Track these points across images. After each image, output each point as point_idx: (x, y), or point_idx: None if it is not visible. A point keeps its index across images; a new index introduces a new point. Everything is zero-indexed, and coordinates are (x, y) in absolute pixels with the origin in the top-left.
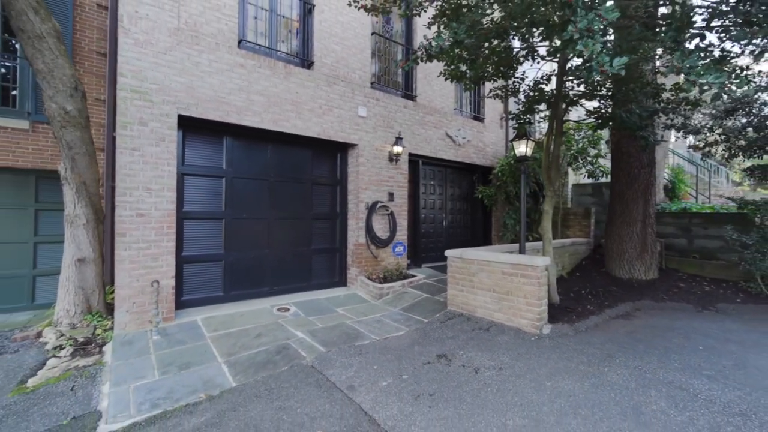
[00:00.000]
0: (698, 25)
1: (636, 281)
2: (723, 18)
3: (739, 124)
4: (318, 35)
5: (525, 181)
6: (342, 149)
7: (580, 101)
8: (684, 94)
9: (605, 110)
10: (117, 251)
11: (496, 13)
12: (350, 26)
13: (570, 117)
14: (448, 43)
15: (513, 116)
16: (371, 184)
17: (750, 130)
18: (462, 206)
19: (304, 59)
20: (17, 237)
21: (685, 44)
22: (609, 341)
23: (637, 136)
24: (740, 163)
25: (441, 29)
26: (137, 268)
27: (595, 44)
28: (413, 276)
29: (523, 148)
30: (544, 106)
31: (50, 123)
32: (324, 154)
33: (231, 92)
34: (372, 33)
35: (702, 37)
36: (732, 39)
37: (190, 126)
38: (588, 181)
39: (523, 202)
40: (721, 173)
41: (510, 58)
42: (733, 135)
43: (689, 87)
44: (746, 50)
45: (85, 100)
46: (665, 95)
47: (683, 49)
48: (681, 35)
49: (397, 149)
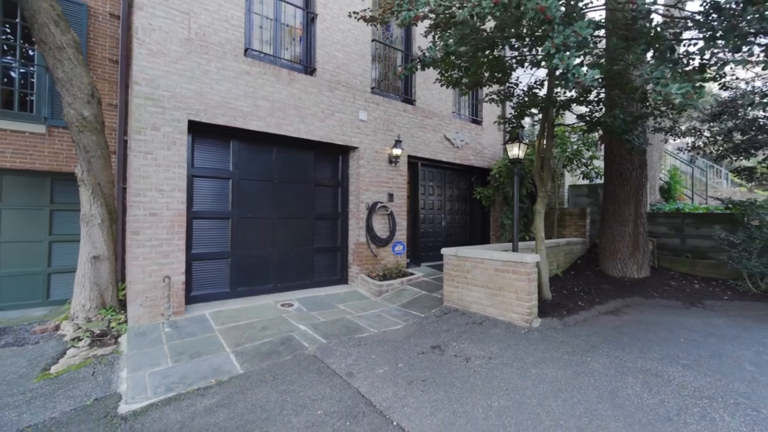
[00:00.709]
0: (674, 38)
1: (628, 279)
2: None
3: (726, 128)
4: (320, 43)
5: (518, 182)
6: (343, 152)
7: (572, 106)
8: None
9: (594, 115)
10: (131, 248)
11: (488, 24)
12: (351, 34)
13: (566, 120)
14: (441, 54)
15: (505, 120)
16: (371, 185)
17: (737, 134)
18: (461, 207)
19: (307, 66)
20: (33, 236)
21: (660, 55)
22: (595, 334)
23: (624, 140)
24: (728, 165)
25: (435, 39)
26: (150, 265)
27: (571, 58)
28: (412, 274)
29: (516, 151)
30: (537, 110)
31: (68, 128)
32: (326, 157)
33: (237, 98)
34: (372, 40)
35: (672, 50)
36: (698, 51)
37: (199, 130)
38: (584, 182)
39: (516, 202)
40: (722, 174)
41: (503, 65)
42: (720, 138)
43: (656, 97)
44: (712, 61)
45: (101, 106)
46: (652, 100)
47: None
48: (651, 48)
49: (397, 152)
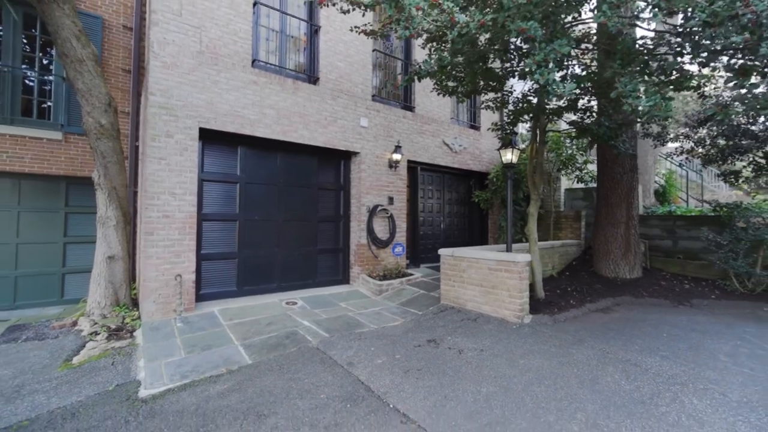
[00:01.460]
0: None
1: (620, 280)
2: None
3: (712, 133)
4: (323, 53)
5: (512, 186)
6: (345, 157)
7: (563, 113)
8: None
9: (584, 121)
10: (146, 248)
11: (482, 36)
12: (353, 44)
13: (561, 126)
14: (436, 67)
15: (499, 127)
16: (372, 189)
17: (722, 139)
18: (459, 210)
19: (311, 75)
20: (49, 237)
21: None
22: (583, 329)
23: (610, 146)
24: (716, 169)
25: (432, 51)
26: (163, 264)
27: (551, 73)
28: (411, 274)
29: (510, 156)
30: (529, 117)
31: (87, 135)
32: (329, 162)
33: (245, 107)
34: (373, 50)
35: (645, 65)
36: (666, 67)
37: (209, 137)
38: (580, 186)
39: (510, 205)
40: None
41: (496, 76)
42: (706, 143)
43: (627, 108)
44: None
45: (117, 115)
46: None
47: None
48: (626, 63)
49: (397, 157)
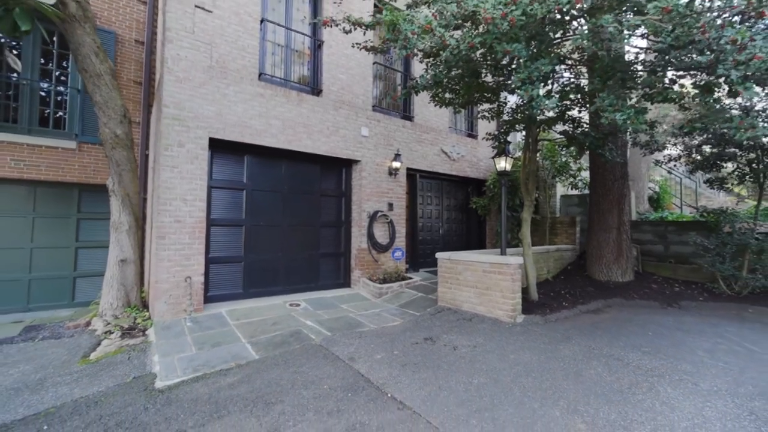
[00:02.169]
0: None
1: (613, 283)
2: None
3: (695, 141)
4: (326, 66)
5: (506, 193)
6: (347, 165)
7: (555, 123)
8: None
9: (573, 131)
10: (158, 251)
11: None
12: (354, 57)
13: (555, 135)
14: (431, 82)
15: (493, 136)
16: (372, 196)
17: (706, 148)
18: (458, 216)
19: (314, 87)
20: (62, 242)
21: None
22: (572, 328)
23: (598, 154)
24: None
25: (428, 66)
26: (174, 266)
27: (534, 90)
28: (410, 278)
29: (503, 164)
30: (521, 127)
31: (103, 144)
32: (331, 169)
33: (252, 117)
34: (373, 63)
35: (623, 81)
36: (641, 83)
37: (218, 146)
38: (575, 193)
39: (504, 210)
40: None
41: (489, 89)
42: (692, 151)
43: (605, 121)
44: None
45: (131, 125)
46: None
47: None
48: (604, 80)
49: (396, 164)
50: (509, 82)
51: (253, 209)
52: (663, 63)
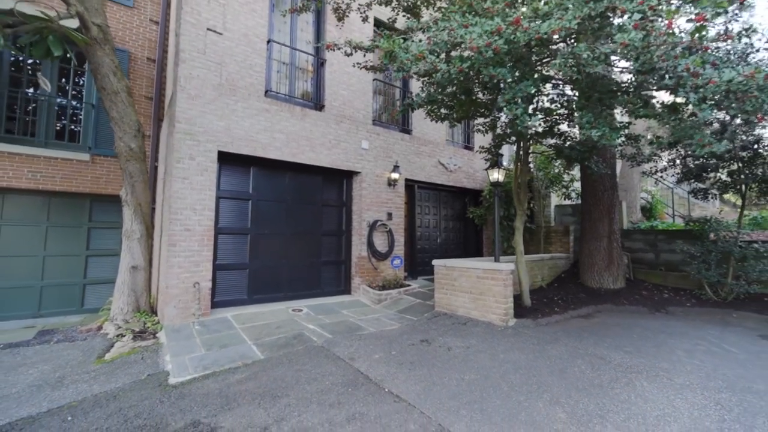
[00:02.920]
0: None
1: (604, 290)
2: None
3: (682, 153)
4: (328, 83)
5: (499, 202)
6: (348, 176)
7: (545, 137)
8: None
9: (563, 144)
10: (168, 258)
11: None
12: (355, 75)
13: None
14: (427, 100)
15: (486, 149)
16: (372, 206)
17: (689, 160)
18: (455, 225)
19: (317, 103)
20: (73, 250)
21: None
22: (561, 331)
23: (585, 166)
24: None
25: (424, 85)
26: (183, 272)
27: (518, 109)
28: (409, 285)
29: (496, 175)
30: (512, 141)
31: (117, 157)
32: (332, 180)
33: (258, 132)
34: (373, 79)
35: (600, 101)
36: (616, 103)
37: (225, 159)
38: (569, 202)
39: (497, 219)
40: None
41: (483, 104)
42: (675, 163)
43: (583, 136)
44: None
45: (144, 139)
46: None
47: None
48: (584, 98)
49: (395, 176)
50: (498, 100)
51: (258, 218)
52: (636, 84)
